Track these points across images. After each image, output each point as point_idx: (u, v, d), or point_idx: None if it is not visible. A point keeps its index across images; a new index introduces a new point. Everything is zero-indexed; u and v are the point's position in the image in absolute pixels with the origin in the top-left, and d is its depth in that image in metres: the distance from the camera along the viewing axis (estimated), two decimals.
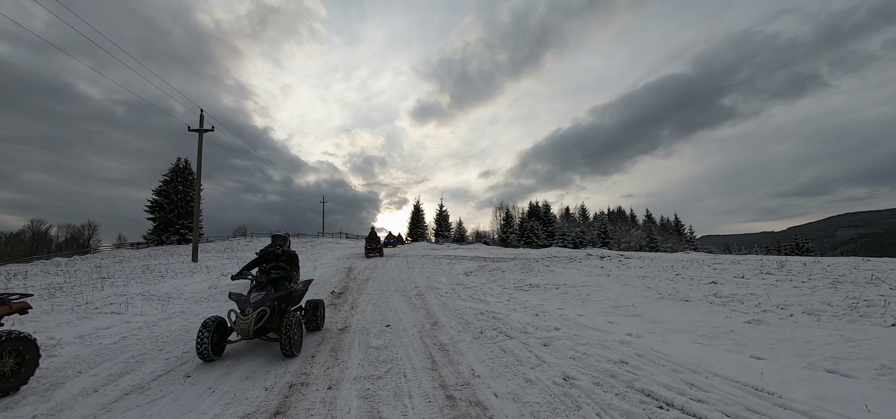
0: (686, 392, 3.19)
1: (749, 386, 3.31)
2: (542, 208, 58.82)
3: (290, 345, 4.62)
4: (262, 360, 4.72)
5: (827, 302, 7.08)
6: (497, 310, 7.33)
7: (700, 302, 7.86)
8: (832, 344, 4.57)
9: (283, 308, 5.32)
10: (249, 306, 4.68)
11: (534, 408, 3.16)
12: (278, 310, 5.21)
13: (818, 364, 3.91)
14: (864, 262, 16.14)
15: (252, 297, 4.78)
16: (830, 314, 6.22)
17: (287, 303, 5.44)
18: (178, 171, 40.35)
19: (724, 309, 7.14)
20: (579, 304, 7.94)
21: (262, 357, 4.86)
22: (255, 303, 4.71)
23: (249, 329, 4.57)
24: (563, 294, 9.41)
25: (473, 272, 14.77)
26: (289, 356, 4.66)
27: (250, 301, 4.73)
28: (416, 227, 55.93)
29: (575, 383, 3.56)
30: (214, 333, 4.65)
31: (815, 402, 2.93)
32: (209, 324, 4.61)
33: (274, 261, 5.62)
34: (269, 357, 4.84)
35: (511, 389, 3.57)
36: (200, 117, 22.82)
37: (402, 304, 8.32)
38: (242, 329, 4.60)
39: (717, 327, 5.70)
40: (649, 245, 58.54)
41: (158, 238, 37.46)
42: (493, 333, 5.60)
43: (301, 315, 5.92)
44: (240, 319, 4.63)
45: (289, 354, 4.65)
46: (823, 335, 5.00)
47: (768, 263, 15.79)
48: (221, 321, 4.80)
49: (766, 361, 4.07)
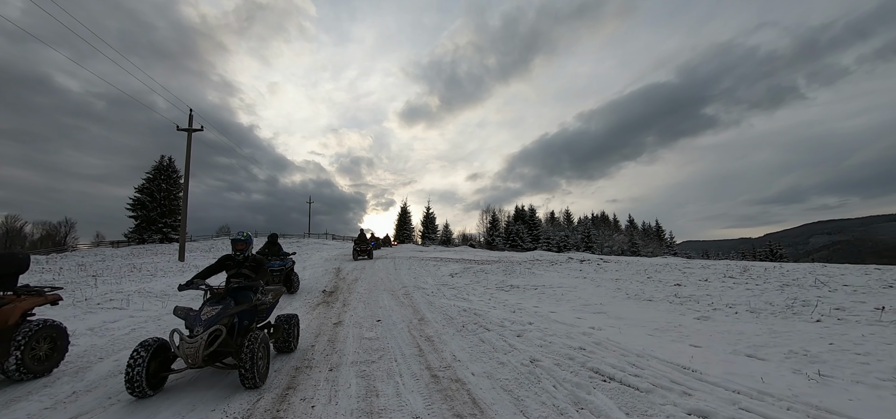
0: (627, 370, 3.91)
1: (679, 365, 4.05)
2: (527, 212, 60.01)
3: (252, 372, 3.69)
4: (214, 394, 3.75)
5: (770, 302, 7.99)
6: (479, 307, 8.01)
7: (661, 301, 8.70)
8: (759, 335, 5.39)
9: (246, 325, 4.43)
10: (199, 324, 3.71)
11: (503, 383, 3.83)
12: (239, 329, 4.29)
13: (741, 350, 4.70)
14: (821, 268, 17.45)
15: (204, 313, 3.82)
16: (769, 312, 7.11)
17: (250, 319, 4.55)
18: (161, 169, 39.87)
19: (681, 307, 7.98)
20: (554, 303, 8.69)
21: (214, 389, 3.87)
22: (206, 321, 3.75)
23: (198, 354, 3.60)
24: (540, 294, 10.15)
25: (458, 273, 15.44)
26: (250, 387, 3.76)
27: (201, 318, 3.77)
28: (402, 229, 56.37)
29: (539, 364, 4.26)
30: (152, 359, 3.67)
31: (725, 377, 3.68)
32: (148, 346, 3.67)
33: (235, 270, 4.72)
34: (225, 389, 3.86)
35: (486, 370, 4.24)
36: (189, 117, 22.93)
37: (390, 302, 8.92)
38: (189, 354, 3.59)
39: (669, 322, 6.50)
40: (631, 249, 60.33)
41: (140, 237, 36.96)
42: (473, 327, 6.27)
43: (269, 334, 5.04)
44: (185, 342, 3.61)
45: (250, 384, 3.74)
46: (756, 329, 5.83)
47: (733, 268, 16.93)
48: (163, 343, 3.82)
49: (700, 349, 4.85)
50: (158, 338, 3.82)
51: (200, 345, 3.62)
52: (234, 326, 4.22)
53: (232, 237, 4.79)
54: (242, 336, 4.31)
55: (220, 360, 4.08)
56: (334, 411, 3.29)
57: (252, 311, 4.58)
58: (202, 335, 3.65)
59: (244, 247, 4.78)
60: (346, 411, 3.29)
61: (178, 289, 4.17)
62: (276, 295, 5.18)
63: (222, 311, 3.94)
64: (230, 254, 4.82)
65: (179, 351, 3.66)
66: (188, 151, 22.74)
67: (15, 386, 3.97)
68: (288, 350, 5.06)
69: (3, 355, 3.89)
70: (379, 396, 3.59)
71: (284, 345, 5.03)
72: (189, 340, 3.62)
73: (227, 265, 4.76)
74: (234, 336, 4.20)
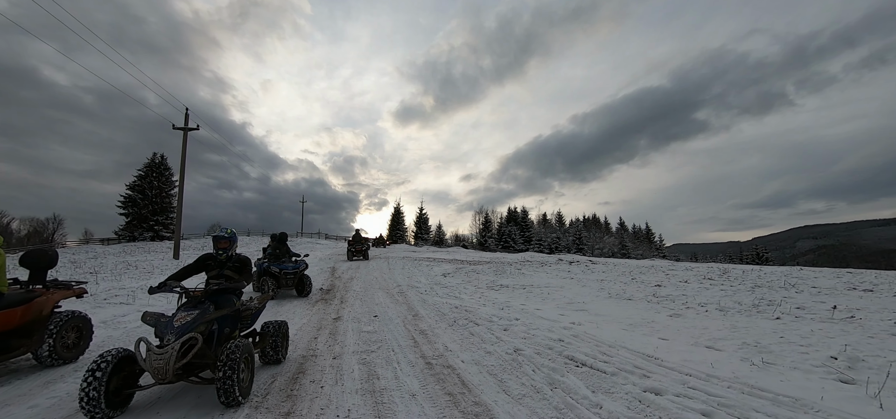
0: (598, 357, 4.45)
1: (643, 354, 4.60)
2: (520, 214, 60.78)
3: (231, 388, 3.19)
4: (200, 414, 3.30)
5: (739, 301, 8.62)
6: (469, 305, 8.52)
7: (640, 300, 9.29)
8: (721, 330, 5.97)
9: (227, 333, 3.97)
10: (171, 332, 3.29)
11: (489, 368, 4.34)
12: (219, 337, 3.81)
13: (701, 343, 5.27)
14: (797, 271, 18.27)
15: (177, 319, 3.40)
16: (736, 310, 7.71)
17: (232, 326, 4.08)
18: (153, 167, 39.74)
19: (657, 305, 8.57)
20: (540, 301, 9.23)
21: (202, 408, 3.39)
22: (179, 328, 3.31)
23: (169, 367, 3.12)
24: (528, 293, 10.70)
25: (451, 273, 15.94)
26: (229, 404, 3.27)
27: (173, 324, 3.35)
28: (396, 229, 56.75)
29: (521, 353, 4.77)
30: (114, 374, 3.16)
31: (681, 363, 4.23)
32: (108, 359, 3.14)
33: (216, 271, 4.33)
34: (215, 407, 3.37)
35: (474, 358, 4.74)
36: (185, 116, 23.14)
37: (386, 300, 9.39)
38: (158, 367, 3.11)
39: (644, 318, 7.07)
40: (621, 252, 61.38)
41: (131, 234, 36.85)
42: (464, 322, 6.78)
43: (254, 343, 4.57)
44: (153, 354, 3.14)
45: (229, 401, 3.24)
46: (719, 325, 6.41)
47: (713, 271, 17.67)
48: (128, 355, 3.30)
49: (666, 341, 5.40)
50: (122, 349, 3.30)
51: (171, 357, 3.14)
52: (213, 334, 3.74)
53: (214, 234, 4.36)
54: (222, 345, 3.81)
55: (195, 374, 3.57)
56: (341, 390, 3.76)
57: (234, 317, 4.11)
58: (174, 345, 3.18)
59: (227, 245, 4.40)
60: (351, 391, 3.76)
61: (149, 291, 3.75)
62: (263, 299, 4.84)
63: (199, 317, 3.49)
64: (211, 253, 4.44)
65: (146, 364, 3.15)
66: (184, 150, 22.93)
67: (48, 370, 4.38)
68: (276, 361, 4.58)
69: (38, 343, 4.29)
70: (379, 379, 4.07)
71: (272, 356, 4.55)
72: (158, 351, 3.15)
73: (208, 265, 4.36)
74: (213, 345, 3.72)
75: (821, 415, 2.98)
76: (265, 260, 10.23)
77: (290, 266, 9.90)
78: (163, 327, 3.43)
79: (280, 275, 9.61)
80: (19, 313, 4.19)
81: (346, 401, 3.50)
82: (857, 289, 10.47)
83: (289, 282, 9.71)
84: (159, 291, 3.72)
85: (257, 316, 4.69)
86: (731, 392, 3.45)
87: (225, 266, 4.38)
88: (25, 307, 4.25)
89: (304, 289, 9.97)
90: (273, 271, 9.59)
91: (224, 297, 4.02)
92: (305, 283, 10.07)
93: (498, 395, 3.61)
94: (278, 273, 9.60)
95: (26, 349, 4.21)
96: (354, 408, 3.36)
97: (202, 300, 3.71)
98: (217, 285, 3.92)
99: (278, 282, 9.57)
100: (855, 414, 2.96)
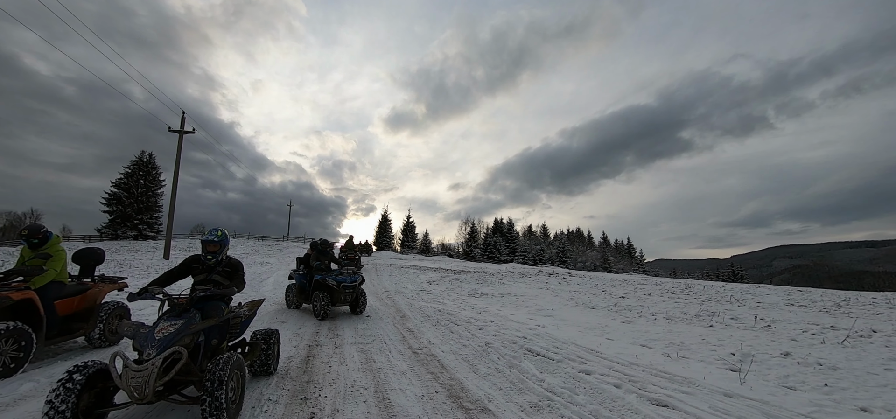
0: (551, 350, 5.56)
1: (588, 349, 5.74)
2: (506, 225, 62.21)
3: (219, 408, 2.86)
4: None
5: (685, 312, 9.90)
6: (451, 309, 9.58)
7: (603, 309, 10.51)
8: (659, 334, 7.17)
9: (214, 345, 3.65)
10: (152, 345, 2.93)
11: (464, 356, 5.41)
12: (205, 349, 3.48)
13: (639, 342, 6.44)
14: (755, 288, 19.91)
15: (159, 331, 3.03)
16: (680, 319, 8.97)
17: (220, 337, 3.76)
18: (141, 165, 39.62)
19: (616, 313, 9.79)
20: (514, 308, 10.36)
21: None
22: (161, 341, 2.96)
23: (150, 385, 2.76)
24: (505, 300, 11.83)
25: (436, 281, 16.98)
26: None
27: (154, 336, 2.99)
28: (382, 236, 57.46)
29: (491, 346, 5.86)
30: (84, 392, 2.81)
31: (614, 355, 5.38)
32: (75, 378, 2.76)
33: (203, 275, 3.96)
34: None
35: (452, 349, 5.80)
36: (182, 119, 23.75)
37: (376, 303, 10.37)
38: (136, 386, 2.74)
39: (600, 324, 8.24)
40: (603, 266, 63.32)
41: (114, 232, 36.68)
42: (445, 322, 7.83)
43: (243, 353, 4.26)
44: (129, 371, 2.76)
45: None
46: (660, 329, 7.62)
47: (678, 286, 19.15)
48: (100, 370, 2.93)
49: (612, 341, 6.56)
50: (96, 363, 2.94)
51: (152, 374, 2.76)
52: (199, 347, 3.41)
53: (203, 238, 3.94)
54: (209, 359, 3.51)
55: (177, 392, 3.23)
56: (346, 369, 4.77)
57: (222, 327, 3.77)
58: (155, 360, 2.82)
59: (217, 249, 3.95)
60: (354, 369, 4.77)
61: (128, 299, 3.38)
62: (254, 306, 4.54)
63: (183, 328, 3.13)
64: (198, 256, 4.03)
65: (122, 382, 2.75)
66: (179, 153, 23.49)
67: (97, 350, 5.26)
68: (266, 372, 4.32)
69: (92, 327, 5.18)
70: (375, 362, 5.10)
71: (262, 367, 4.27)
72: (136, 368, 2.76)
73: (195, 269, 3.99)
74: (199, 359, 3.38)
75: (695, 386, 4.14)
76: (321, 272, 8.53)
77: (347, 279, 8.39)
78: (142, 339, 3.01)
79: (338, 290, 8.18)
80: (76, 301, 5.09)
81: (351, 376, 4.51)
82: (794, 306, 11.93)
83: (346, 297, 8.37)
84: (140, 298, 3.36)
85: (247, 324, 4.38)
86: (642, 374, 4.60)
87: (213, 272, 3.97)
88: (82, 296, 5.15)
89: (359, 306, 8.61)
90: (330, 284, 8.14)
91: (212, 304, 3.67)
92: (361, 300, 8.68)
93: (469, 374, 4.68)
94: (336, 286, 8.14)
95: (83, 332, 5.10)
96: (358, 380, 4.37)
97: (187, 308, 3.35)
98: (204, 291, 3.55)
99: (333, 298, 8.24)
100: (719, 386, 4.14)
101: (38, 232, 4.82)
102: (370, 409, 3.58)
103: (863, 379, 4.57)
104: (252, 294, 10.87)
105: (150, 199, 38.89)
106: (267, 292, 11.76)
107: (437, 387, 4.25)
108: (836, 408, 3.75)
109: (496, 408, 3.65)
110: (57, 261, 4.82)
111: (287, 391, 3.98)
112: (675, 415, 3.50)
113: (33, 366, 4.44)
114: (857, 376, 4.67)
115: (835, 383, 4.43)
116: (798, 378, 4.61)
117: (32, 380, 3.97)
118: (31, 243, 4.79)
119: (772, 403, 3.77)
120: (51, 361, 4.69)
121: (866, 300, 13.88)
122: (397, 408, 3.61)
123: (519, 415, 3.52)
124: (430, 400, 3.84)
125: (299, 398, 3.80)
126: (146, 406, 3.33)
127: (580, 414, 3.53)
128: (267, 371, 4.33)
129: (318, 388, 4.07)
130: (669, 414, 3.54)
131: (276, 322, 7.49)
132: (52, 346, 5.12)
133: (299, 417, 3.39)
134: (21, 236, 4.78)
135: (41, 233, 4.84)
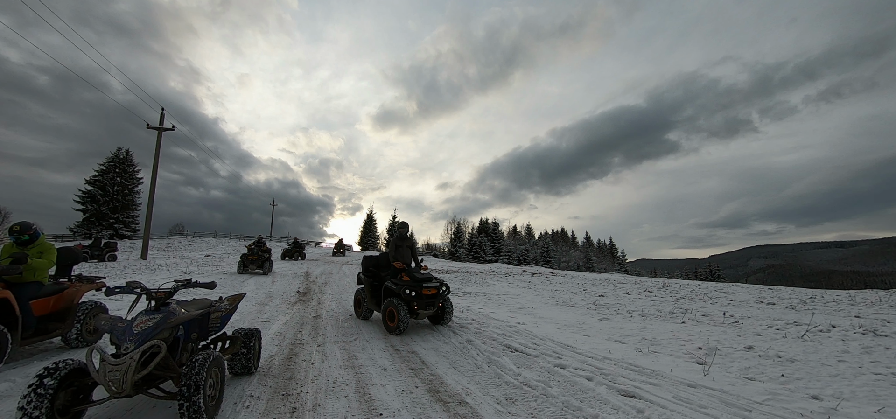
0: (528, 345, 5.76)
1: (564, 345, 5.95)
2: (491, 225, 62.74)
3: (196, 405, 2.86)
4: None
5: (660, 310, 10.27)
6: None
7: (582, 307, 10.81)
8: (632, 330, 7.46)
9: (193, 339, 3.62)
10: (130, 339, 2.92)
11: (444, 354, 5.55)
12: (184, 344, 3.46)
13: (613, 338, 6.70)
14: (729, 286, 20.64)
15: (137, 325, 3.02)
16: (654, 316, 9.31)
17: (200, 331, 3.73)
18: (117, 162, 38.53)
19: (594, 311, 10.08)
20: (495, 306, 10.56)
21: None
22: (139, 335, 2.96)
23: (127, 379, 2.78)
24: (487, 299, 12.02)
25: None
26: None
27: (132, 330, 2.98)
28: (367, 236, 57.22)
29: (472, 343, 6.02)
30: (60, 390, 2.83)
31: (588, 350, 5.61)
32: (46, 382, 2.75)
33: None
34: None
35: (433, 346, 5.93)
36: (161, 115, 23.26)
37: None
38: (113, 379, 2.77)
39: (578, 321, 8.50)
40: (586, 265, 64.48)
41: (87, 231, 35.56)
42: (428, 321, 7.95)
43: (223, 349, 4.24)
44: (108, 365, 2.78)
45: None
46: (634, 326, 7.92)
47: (656, 285, 19.72)
48: (77, 368, 2.95)
49: (588, 337, 6.80)
50: (72, 360, 2.94)
51: (130, 368, 2.78)
52: (178, 341, 3.37)
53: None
54: (188, 353, 3.54)
55: (155, 386, 3.20)
56: (328, 366, 4.85)
57: (202, 321, 3.74)
58: (133, 354, 2.82)
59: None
60: (335, 366, 4.86)
61: (105, 293, 3.41)
62: (235, 299, 4.54)
63: (162, 321, 3.12)
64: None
65: (100, 376, 2.78)
66: (157, 150, 22.99)
67: (73, 350, 5.19)
68: (247, 371, 4.26)
69: (69, 327, 5.11)
70: (358, 359, 5.19)
71: (243, 366, 4.22)
72: (114, 362, 2.77)
73: None
74: (178, 353, 3.37)
75: (662, 378, 4.39)
76: (397, 278, 7.00)
77: (435, 283, 6.92)
78: (120, 334, 2.99)
79: (420, 297, 6.69)
80: (53, 301, 5.02)
81: (333, 373, 4.60)
82: (763, 303, 12.48)
83: (431, 305, 6.89)
84: (117, 292, 3.39)
85: (228, 318, 4.34)
86: (613, 367, 4.83)
87: None
88: (59, 296, 5.08)
89: (445, 317, 7.23)
90: (406, 294, 6.63)
91: None
92: (447, 309, 7.26)
93: (448, 369, 4.82)
94: (415, 294, 6.66)
95: (59, 332, 5.03)
96: (340, 377, 4.47)
97: (166, 301, 3.34)
98: (182, 282, 3.58)
99: (411, 309, 6.71)
100: (683, 378, 4.39)
101: (28, 229, 4.87)
102: (351, 404, 3.68)
103: (817, 370, 4.90)
104: (230, 290, 10.78)
105: (127, 197, 37.86)
106: (248, 289, 11.66)
107: (418, 382, 4.38)
108: (790, 396, 4.03)
109: (473, 401, 3.80)
110: (52, 254, 4.95)
111: (269, 388, 4.05)
112: (640, 405, 3.71)
113: (8, 366, 4.38)
114: (812, 367, 5.00)
115: (791, 374, 4.74)
116: (758, 370, 4.91)
117: (8, 380, 3.94)
118: (21, 241, 4.82)
119: (730, 393, 4.03)
120: (27, 361, 4.63)
121: (831, 297, 14.63)
122: (378, 402, 3.73)
123: (495, 407, 3.68)
124: (410, 394, 3.97)
125: (281, 394, 3.88)
126: (125, 401, 3.37)
127: (553, 405, 3.72)
128: (248, 371, 4.33)
129: (299, 385, 4.15)
130: (636, 403, 3.76)
131: (258, 322, 7.49)
132: (27, 347, 5.04)
133: (281, 412, 3.47)
134: (11, 232, 4.77)
135: (31, 231, 4.89)
